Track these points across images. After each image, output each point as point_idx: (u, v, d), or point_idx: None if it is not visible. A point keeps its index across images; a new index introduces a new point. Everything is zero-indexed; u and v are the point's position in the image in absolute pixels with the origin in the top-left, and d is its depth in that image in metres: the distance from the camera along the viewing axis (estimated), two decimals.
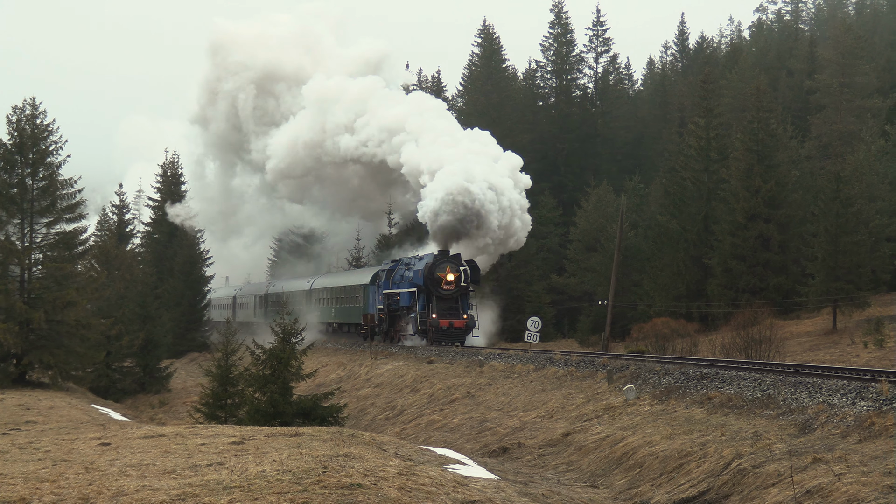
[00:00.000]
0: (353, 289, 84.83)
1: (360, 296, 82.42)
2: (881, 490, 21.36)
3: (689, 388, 36.87)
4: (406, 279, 71.23)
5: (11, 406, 44.29)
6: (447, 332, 67.44)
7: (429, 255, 71.34)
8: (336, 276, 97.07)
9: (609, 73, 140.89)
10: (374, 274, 79.78)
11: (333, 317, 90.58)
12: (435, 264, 68.22)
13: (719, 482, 26.07)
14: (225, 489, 18.95)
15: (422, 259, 71.15)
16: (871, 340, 59.00)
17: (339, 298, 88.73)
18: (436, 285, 67.48)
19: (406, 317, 72.30)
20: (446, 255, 69.50)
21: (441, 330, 67.20)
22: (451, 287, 67.62)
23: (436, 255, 69.69)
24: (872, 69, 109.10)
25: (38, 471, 21.29)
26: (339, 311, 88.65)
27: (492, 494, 21.80)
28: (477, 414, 44.62)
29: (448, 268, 67.70)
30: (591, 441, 34.65)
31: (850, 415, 27.70)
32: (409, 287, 69.99)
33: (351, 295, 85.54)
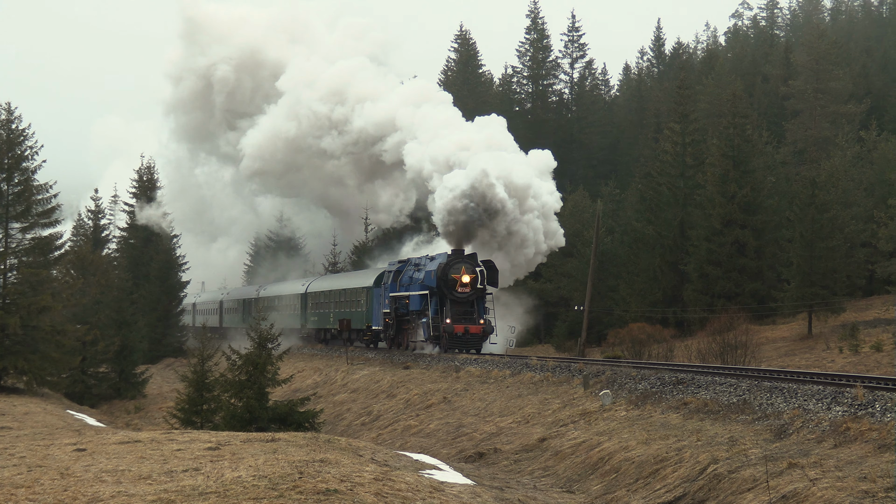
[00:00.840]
0: (355, 292, 78.38)
1: (363, 299, 76.02)
2: (856, 495, 21.44)
3: (664, 394, 36.95)
4: (416, 281, 64.82)
5: None
6: (462, 338, 61.45)
7: (442, 254, 64.68)
8: (335, 279, 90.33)
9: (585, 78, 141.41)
10: (379, 276, 73.34)
11: (332, 322, 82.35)
12: (449, 265, 61.83)
13: (695, 487, 26.14)
14: (201, 495, 18.94)
15: (434, 259, 64.61)
16: (847, 346, 59.30)
17: (339, 302, 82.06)
18: (450, 288, 61.33)
19: (416, 322, 65.68)
20: (461, 254, 63.37)
21: (456, 336, 61.05)
22: (466, 290, 61.51)
23: (449, 255, 63.16)
24: (847, 75, 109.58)
25: (13, 477, 21.25)
26: (339, 315, 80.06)
27: (468, 500, 21.82)
28: (453, 419, 44.64)
29: (463, 268, 61.57)
30: (567, 446, 34.69)
31: (825, 420, 27.79)
32: (420, 289, 63.46)
33: (352, 298, 79.01)
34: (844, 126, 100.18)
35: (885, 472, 22.68)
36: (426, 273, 63.05)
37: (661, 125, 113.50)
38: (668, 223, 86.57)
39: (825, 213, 70.17)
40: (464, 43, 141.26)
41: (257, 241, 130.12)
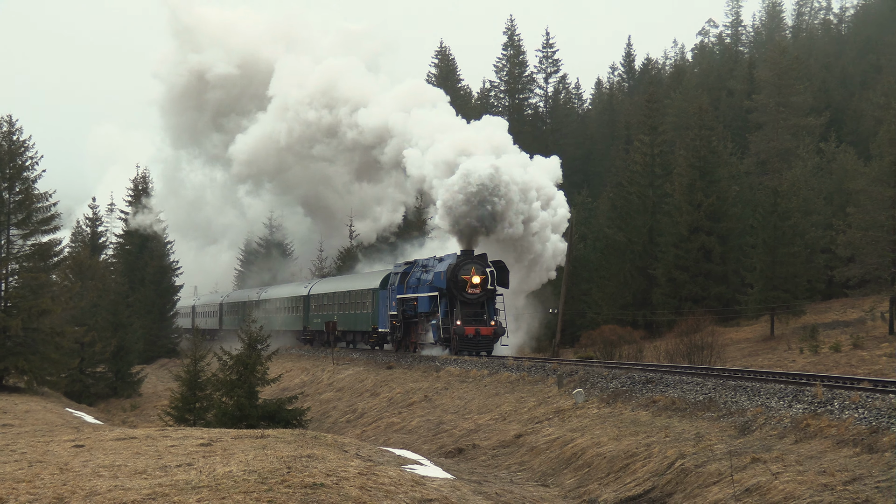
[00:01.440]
0: (361, 294, 74.22)
1: (369, 301, 71.96)
2: (816, 488, 21.50)
3: (634, 392, 36.98)
4: (424, 282, 61.14)
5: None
6: (473, 340, 57.83)
7: (451, 255, 60.86)
8: (339, 281, 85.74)
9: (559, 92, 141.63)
10: (385, 277, 69.14)
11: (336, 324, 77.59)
12: (458, 265, 58.23)
13: (663, 481, 26.17)
14: (193, 489, 18.91)
15: (442, 260, 61.01)
16: (807, 346, 59.40)
17: (344, 304, 78.07)
18: (460, 289, 57.75)
19: (425, 324, 62.12)
20: (470, 255, 59.83)
21: (466, 338, 57.53)
22: (476, 291, 57.93)
23: (459, 256, 59.71)
24: (808, 89, 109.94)
25: (15, 472, 21.20)
26: (344, 318, 77.36)
27: (448, 493, 21.82)
28: (434, 417, 44.62)
29: (473, 269, 57.97)
30: (542, 442, 34.70)
31: (786, 417, 27.85)
32: (429, 291, 59.75)
33: (358, 301, 74.86)
34: (805, 138, 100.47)
35: (843, 467, 22.73)
36: (435, 274, 59.73)
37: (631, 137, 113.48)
38: (638, 230, 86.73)
39: (786, 221, 70.31)
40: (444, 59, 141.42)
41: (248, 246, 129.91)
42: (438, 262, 61.02)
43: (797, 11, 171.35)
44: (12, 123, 54.77)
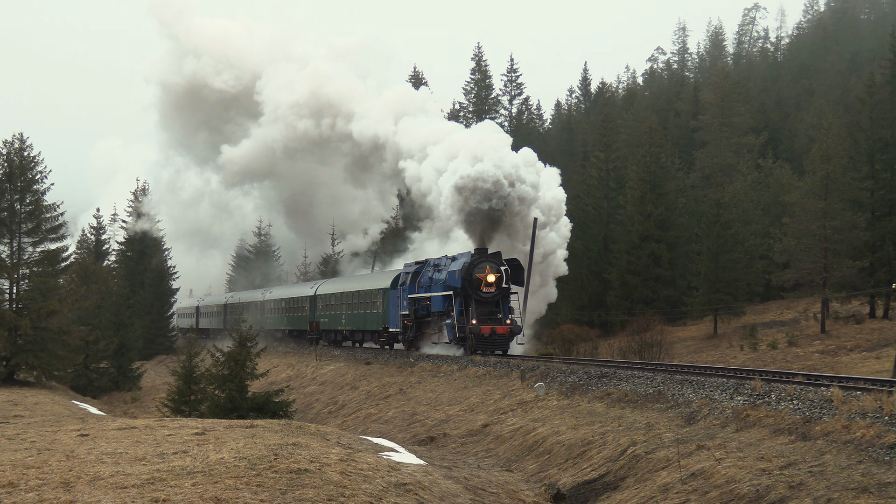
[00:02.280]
0: (371, 294, 68.05)
1: (380, 301, 66.09)
2: (755, 472, 21.56)
3: (591, 386, 37.02)
4: (437, 281, 56.38)
5: (1, 402, 43.97)
6: (489, 339, 53.28)
7: (465, 253, 56.08)
8: (346, 282, 79.77)
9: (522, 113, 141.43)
10: (395, 277, 63.87)
11: (345, 323, 73.61)
12: (473, 264, 53.66)
13: (617, 466, 26.19)
14: (189, 474, 18.87)
15: (456, 259, 56.22)
16: (747, 344, 59.70)
17: (353, 304, 71.73)
18: (475, 288, 53.30)
19: (439, 323, 57.23)
20: (484, 253, 55.02)
21: (482, 337, 52.91)
22: (491, 289, 53.48)
23: (473, 254, 54.91)
24: (747, 111, 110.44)
25: (25, 458, 21.14)
26: (353, 317, 71.74)
27: (421, 478, 21.81)
28: (408, 408, 44.61)
29: (488, 268, 53.45)
30: (506, 431, 34.71)
31: (728, 408, 27.92)
32: (443, 290, 55.04)
33: (368, 300, 68.73)
34: (745, 155, 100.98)
35: (779, 453, 22.79)
36: (449, 273, 55.03)
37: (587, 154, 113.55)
38: (594, 238, 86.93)
39: (728, 230, 70.56)
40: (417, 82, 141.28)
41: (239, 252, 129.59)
42: (451, 261, 56.50)
43: (738, 40, 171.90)
44: (23, 141, 54.89)
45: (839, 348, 56.78)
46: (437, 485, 22.04)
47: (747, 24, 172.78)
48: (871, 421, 22.71)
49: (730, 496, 21.10)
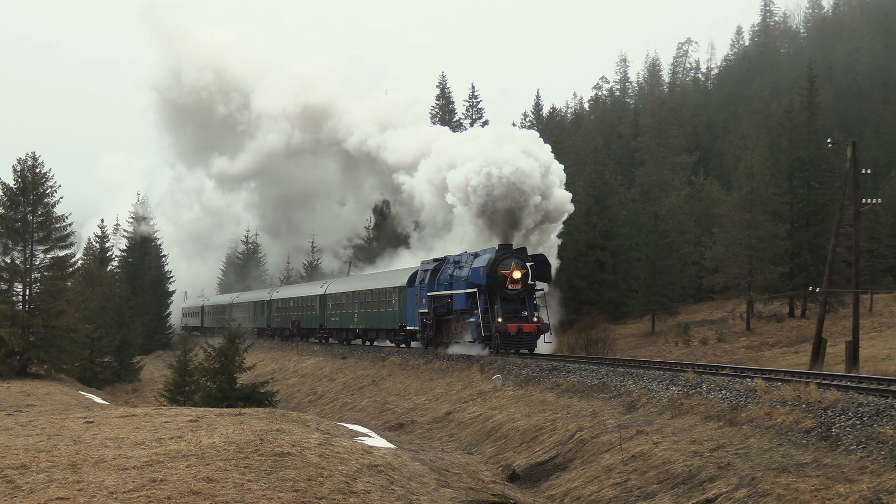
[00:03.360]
0: (386, 292, 61.02)
1: (395, 299, 59.29)
2: (688, 454, 21.65)
3: (542, 378, 37.06)
4: (459, 279, 49.68)
5: (15, 392, 43.84)
6: (516, 338, 46.56)
7: (489, 249, 49.03)
8: (358, 280, 72.13)
9: None
10: (412, 275, 56.89)
11: (357, 322, 66.58)
12: (498, 260, 46.90)
13: (565, 449, 26.22)
14: (183, 457, 18.81)
15: (479, 255, 49.41)
16: (681, 340, 60.05)
17: (366, 303, 64.65)
18: (499, 284, 46.60)
19: (461, 321, 50.20)
20: (509, 248, 48.18)
21: (509, 336, 46.31)
22: (517, 286, 46.81)
23: (497, 250, 48.01)
24: (681, 133, 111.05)
25: (36, 443, 21.04)
26: (366, 316, 64.66)
27: (391, 460, 21.79)
28: (379, 398, 44.57)
29: (513, 264, 46.80)
30: (467, 418, 34.71)
31: (664, 397, 28.02)
32: (466, 287, 48.37)
33: (382, 299, 61.78)
34: (679, 172, 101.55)
35: (709, 437, 22.88)
36: (472, 270, 48.15)
37: None
38: None
39: (665, 239, 70.86)
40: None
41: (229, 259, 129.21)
42: (474, 257, 49.56)
43: (673, 70, 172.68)
44: (35, 159, 54.84)
45: (762, 344, 57.18)
46: (406, 466, 22.02)
47: (681, 56, 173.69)
48: (790, 408, 22.83)
49: (666, 476, 21.16)
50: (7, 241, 53.90)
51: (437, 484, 21.53)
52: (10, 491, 15.89)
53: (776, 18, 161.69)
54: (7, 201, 53.97)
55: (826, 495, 17.17)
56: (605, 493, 21.97)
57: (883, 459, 18.31)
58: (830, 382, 25.53)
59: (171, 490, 15.88)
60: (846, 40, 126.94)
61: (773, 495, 17.90)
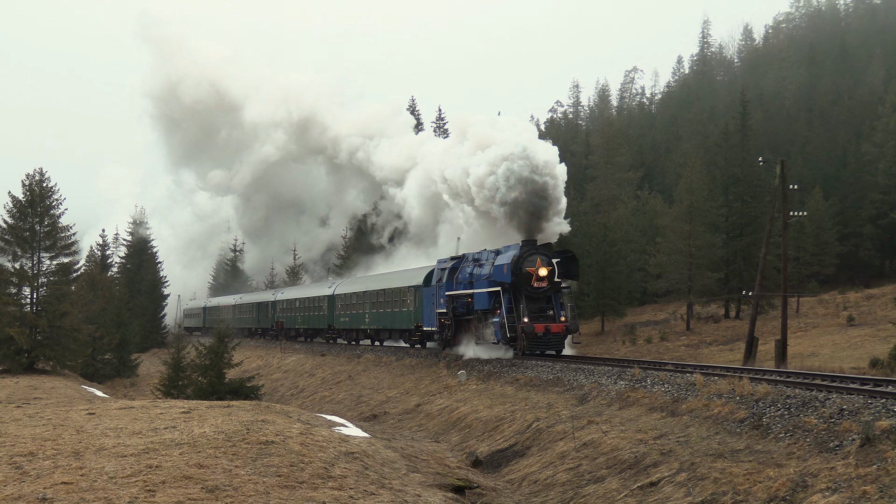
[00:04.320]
0: (401, 292, 54.59)
1: (411, 299, 52.76)
2: (634, 442, 21.72)
3: (503, 373, 37.10)
4: (479, 277, 43.33)
5: (24, 387, 43.61)
6: (543, 339, 40.09)
7: (512, 246, 42.56)
8: (369, 280, 64.34)
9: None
10: (428, 274, 50.90)
11: (369, 322, 59.78)
12: (522, 257, 40.45)
13: (524, 438, 26.27)
14: (177, 445, 18.76)
15: (501, 252, 43.00)
16: (628, 339, 60.16)
17: (379, 303, 57.90)
18: (524, 282, 40.16)
19: (484, 322, 43.40)
20: (533, 244, 41.58)
21: (536, 337, 39.90)
22: (542, 284, 40.33)
23: (521, 245, 41.45)
24: (628, 152, 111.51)
25: (43, 432, 20.94)
26: (378, 316, 58.05)
27: (366, 448, 21.78)
28: (355, 391, 44.53)
29: (538, 260, 40.37)
30: (435, 410, 34.73)
31: (613, 390, 28.10)
32: (488, 286, 41.87)
33: (396, 298, 55.25)
34: (626, 187, 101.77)
35: (653, 427, 22.96)
36: (496, 268, 41.72)
37: None
38: None
39: (613, 248, 70.94)
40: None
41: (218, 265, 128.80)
42: (495, 254, 43.31)
43: (620, 95, 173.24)
44: (42, 174, 54.84)
45: (701, 342, 57.40)
46: (379, 453, 22.02)
47: (628, 82, 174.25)
48: (725, 400, 22.94)
49: (614, 461, 21.23)
50: (16, 249, 53.90)
51: (408, 469, 21.53)
52: (19, 476, 15.82)
53: (713, 49, 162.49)
54: (16, 213, 53.96)
55: (757, 478, 17.28)
56: (559, 477, 22.02)
57: (808, 446, 18.43)
58: (761, 377, 25.65)
59: (166, 475, 15.83)
60: (775, 69, 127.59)
61: (710, 479, 17.99)
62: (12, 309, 53.46)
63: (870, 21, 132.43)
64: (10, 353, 52.74)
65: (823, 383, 23.25)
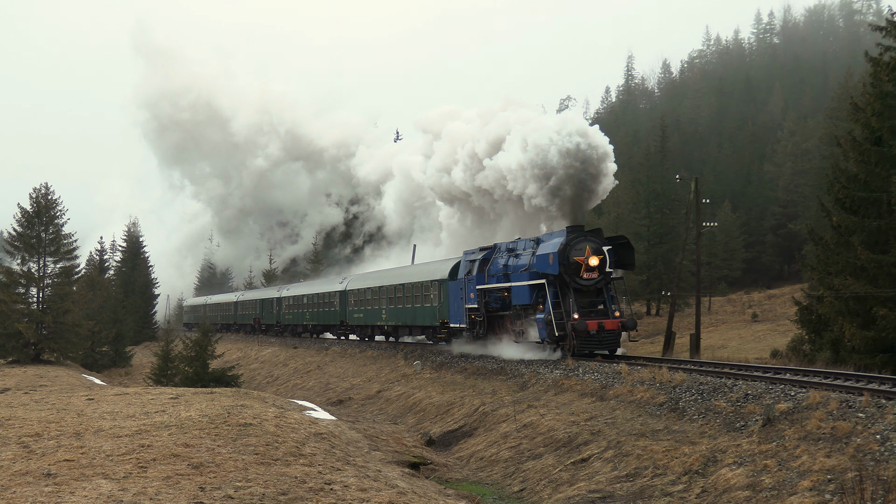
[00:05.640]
0: (423, 286, 44.59)
1: (435, 293, 42.92)
2: (567, 424, 21.82)
3: (453, 364, 37.13)
4: (517, 268, 34.20)
5: (31, 375, 43.20)
6: (596, 337, 30.91)
7: (556, 232, 33.64)
8: (386, 274, 53.33)
9: None
10: (454, 266, 41.03)
11: (385, 319, 49.85)
12: (570, 244, 31.56)
13: (471, 420, 26.32)
14: (166, 427, 18.65)
15: (543, 241, 33.64)
16: None
17: (397, 298, 47.98)
18: (572, 274, 31.38)
19: (524, 318, 33.92)
20: (580, 230, 32.76)
21: (588, 335, 30.71)
22: (593, 275, 31.52)
23: (568, 232, 32.37)
24: None
25: (48, 416, 20.77)
26: (397, 312, 48.09)
27: (333, 429, 21.75)
28: (323, 380, 44.39)
29: (588, 248, 31.58)
30: (394, 396, 34.70)
31: (549, 378, 28.20)
32: (529, 278, 32.85)
33: (418, 294, 45.14)
34: None
35: (584, 410, 23.08)
36: (539, 257, 32.49)
37: None
38: None
39: None
40: None
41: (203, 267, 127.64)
42: (535, 243, 34.18)
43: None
44: (47, 188, 54.54)
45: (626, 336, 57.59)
46: (344, 434, 21.99)
47: (562, 109, 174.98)
48: (647, 387, 23.11)
49: (550, 440, 21.33)
50: (24, 254, 53.81)
51: (370, 448, 21.53)
52: (27, 454, 15.71)
53: (636, 80, 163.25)
54: (24, 222, 53.77)
55: (674, 454, 17.44)
56: (503, 454, 22.09)
57: (718, 426, 18.62)
58: (678, 367, 25.87)
59: (156, 453, 15.74)
60: (690, 99, 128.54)
61: (634, 455, 18.13)
62: (21, 307, 53.47)
63: (770, 58, 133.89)
64: (18, 345, 52.66)
65: (731, 371, 23.50)
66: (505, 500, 18.71)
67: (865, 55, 27.46)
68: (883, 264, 24.74)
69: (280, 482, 14.16)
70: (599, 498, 16.55)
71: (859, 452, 14.67)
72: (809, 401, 17.81)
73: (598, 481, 17.56)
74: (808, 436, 16.19)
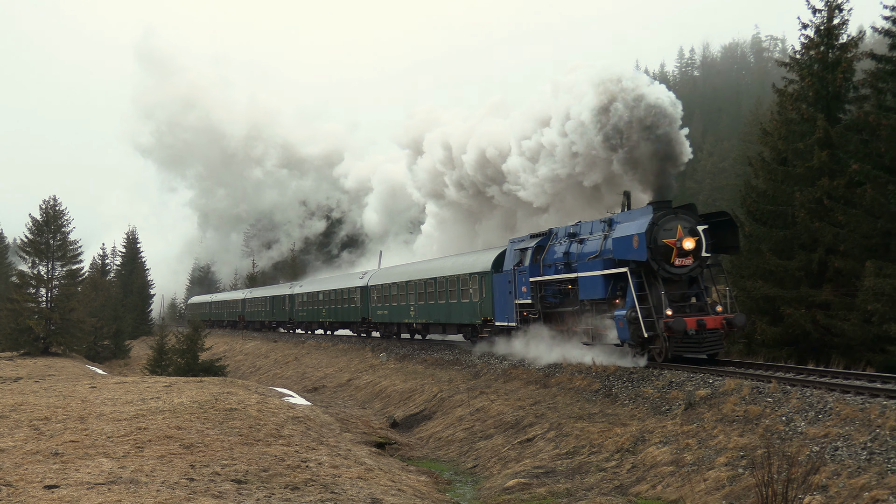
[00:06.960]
0: (460, 280, 34.83)
1: (475, 288, 33.33)
2: (514, 408, 21.85)
3: (415, 355, 37.08)
4: (584, 256, 24.88)
5: (40, 366, 42.68)
6: (696, 338, 21.17)
7: (638, 210, 23.63)
8: (412, 268, 42.79)
9: None
10: (498, 256, 31.89)
11: (414, 316, 40.21)
12: (657, 224, 21.88)
13: (431, 405, 26.30)
14: (160, 412, 18.46)
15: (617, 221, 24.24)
16: None
17: (428, 294, 38.16)
18: (660, 260, 21.78)
19: (595, 315, 23.94)
20: (669, 205, 22.80)
21: (686, 336, 21.05)
22: (687, 262, 21.85)
23: (655, 209, 22.57)
24: None
25: (55, 402, 20.49)
26: (429, 309, 38.20)
27: (308, 413, 21.64)
28: (300, 370, 44.16)
29: (679, 228, 21.83)
30: (362, 384, 34.59)
31: (499, 369, 28.23)
32: (603, 267, 23.19)
33: (454, 288, 35.44)
34: None
35: (530, 396, 23.14)
36: (618, 241, 22.57)
37: None
38: None
39: None
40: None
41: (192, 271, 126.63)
42: (606, 224, 24.96)
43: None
44: (55, 199, 54.29)
45: None
46: (319, 417, 21.88)
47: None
48: (584, 376, 23.19)
49: (499, 422, 21.36)
50: (35, 259, 53.46)
51: (341, 429, 21.44)
52: (36, 436, 15.53)
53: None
54: (35, 230, 53.47)
55: (608, 435, 17.53)
56: (458, 435, 22.09)
57: (646, 410, 18.75)
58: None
59: (152, 435, 15.59)
60: None
61: (573, 435, 18.21)
62: (31, 305, 53.19)
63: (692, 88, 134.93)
64: (29, 339, 52.38)
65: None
66: (460, 475, 18.70)
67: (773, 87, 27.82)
68: (788, 269, 25.11)
69: (262, 460, 14.08)
70: (543, 473, 16.59)
71: (768, 432, 14.85)
72: (725, 387, 17.98)
73: (542, 458, 17.61)
74: (724, 418, 16.36)
